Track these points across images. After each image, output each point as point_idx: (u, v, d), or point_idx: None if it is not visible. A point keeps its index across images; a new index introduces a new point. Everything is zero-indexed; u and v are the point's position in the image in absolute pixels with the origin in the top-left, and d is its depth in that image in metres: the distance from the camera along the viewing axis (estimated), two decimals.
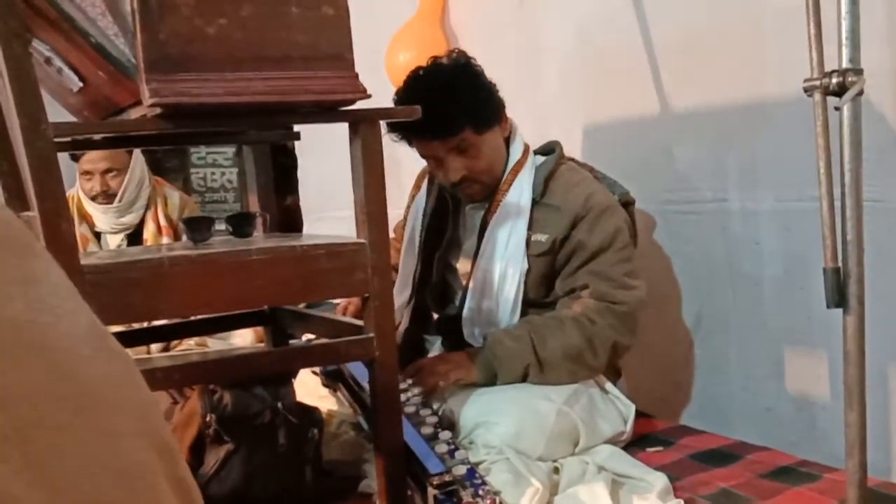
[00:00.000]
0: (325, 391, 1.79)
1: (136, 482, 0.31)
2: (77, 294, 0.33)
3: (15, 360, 0.28)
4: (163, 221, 2.45)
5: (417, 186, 2.04)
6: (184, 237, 2.32)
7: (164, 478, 0.33)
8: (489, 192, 1.81)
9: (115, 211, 2.37)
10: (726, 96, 1.84)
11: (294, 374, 1.63)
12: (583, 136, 2.26)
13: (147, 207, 2.44)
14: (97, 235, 2.44)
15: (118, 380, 0.33)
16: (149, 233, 2.44)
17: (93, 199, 2.36)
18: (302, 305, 1.69)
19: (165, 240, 2.43)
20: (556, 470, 1.50)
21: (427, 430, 1.50)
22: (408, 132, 1.74)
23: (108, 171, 2.33)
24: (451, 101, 1.67)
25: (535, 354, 1.64)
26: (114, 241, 2.44)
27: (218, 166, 3.22)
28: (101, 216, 2.40)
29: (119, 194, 2.35)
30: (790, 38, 1.53)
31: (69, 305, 0.33)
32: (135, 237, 2.44)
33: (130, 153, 2.37)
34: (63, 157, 1.19)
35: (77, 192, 2.40)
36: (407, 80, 1.76)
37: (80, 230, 2.37)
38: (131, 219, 2.42)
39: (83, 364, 0.31)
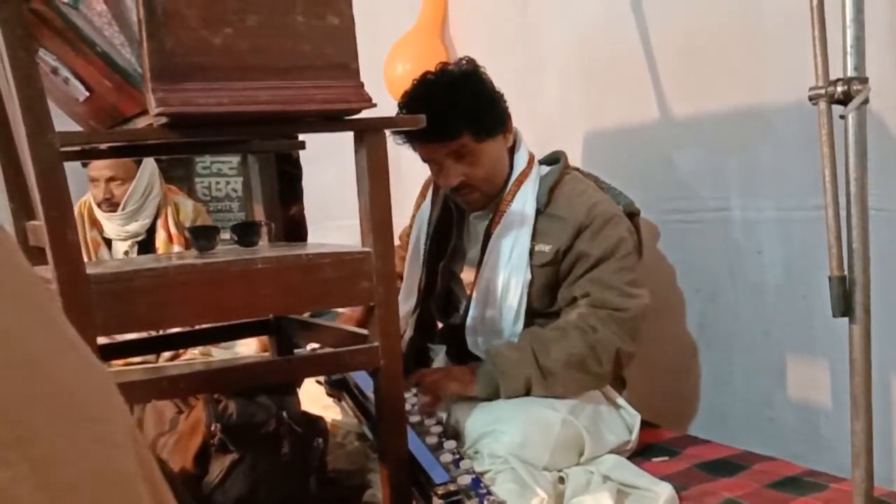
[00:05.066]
0: (330, 400, 1.79)
1: (126, 488, 0.32)
2: (59, 308, 0.34)
3: (8, 371, 0.28)
4: (173, 230, 2.45)
5: (423, 195, 2.04)
6: None
7: (143, 483, 0.33)
8: (489, 200, 1.81)
9: (119, 219, 2.38)
10: (727, 104, 1.84)
11: (299, 384, 1.63)
12: (584, 145, 2.26)
13: (157, 216, 2.44)
14: (107, 242, 2.45)
15: (101, 391, 0.34)
16: (160, 241, 2.44)
17: (98, 205, 2.37)
18: (307, 315, 1.69)
19: (176, 248, 2.43)
20: (562, 479, 1.50)
21: (432, 440, 1.50)
22: (409, 135, 1.75)
23: (111, 179, 2.34)
24: (451, 106, 1.67)
25: (536, 364, 1.62)
26: (122, 247, 2.44)
27: (223, 175, 3.22)
28: (107, 223, 2.41)
29: (122, 202, 2.36)
30: (790, 45, 1.54)
31: (55, 319, 0.33)
32: (146, 245, 2.45)
33: (138, 163, 2.38)
34: (76, 165, 1.19)
35: (89, 197, 2.42)
36: (414, 84, 1.77)
37: (91, 235, 2.39)
38: (136, 227, 2.42)
39: (70, 376, 0.32)
